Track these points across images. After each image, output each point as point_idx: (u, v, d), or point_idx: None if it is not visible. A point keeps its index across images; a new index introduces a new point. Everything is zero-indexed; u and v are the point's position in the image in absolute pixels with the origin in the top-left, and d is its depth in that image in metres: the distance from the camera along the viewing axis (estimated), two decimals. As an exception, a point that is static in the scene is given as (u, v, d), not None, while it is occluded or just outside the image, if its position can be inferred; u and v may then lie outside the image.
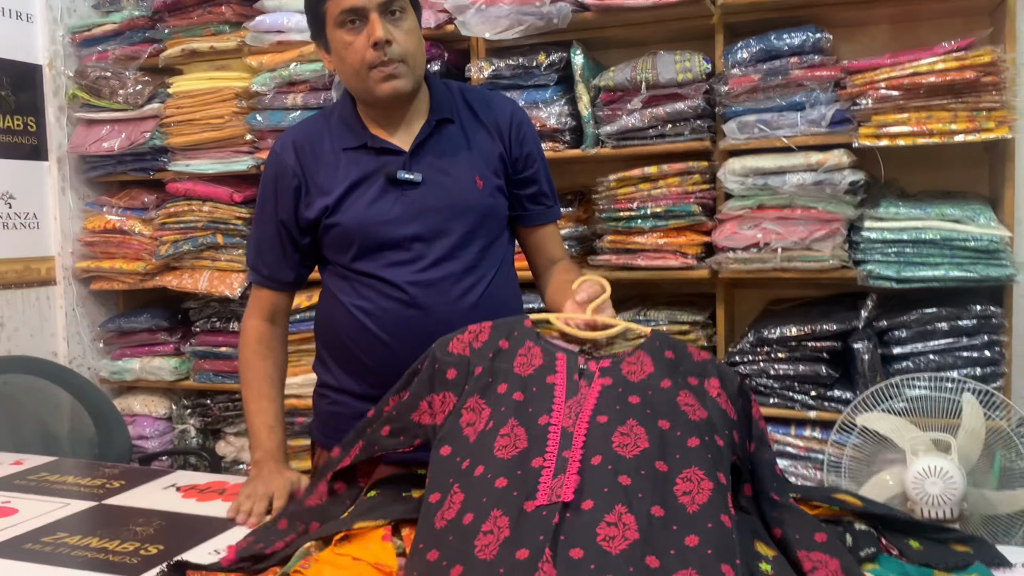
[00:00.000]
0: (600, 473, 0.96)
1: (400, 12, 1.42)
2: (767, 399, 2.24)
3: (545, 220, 1.60)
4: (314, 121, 1.58)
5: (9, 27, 2.76)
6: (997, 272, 2.00)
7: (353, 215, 1.46)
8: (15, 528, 1.34)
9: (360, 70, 1.42)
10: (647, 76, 2.26)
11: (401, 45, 1.41)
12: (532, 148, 1.57)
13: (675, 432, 1.00)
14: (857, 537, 1.09)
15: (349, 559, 1.06)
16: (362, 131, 1.50)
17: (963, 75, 1.95)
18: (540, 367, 1.09)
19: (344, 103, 1.54)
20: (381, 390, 1.43)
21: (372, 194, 1.47)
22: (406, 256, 1.47)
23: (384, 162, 1.48)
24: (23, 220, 2.81)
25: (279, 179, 1.52)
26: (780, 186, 2.16)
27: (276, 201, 1.53)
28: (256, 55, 2.67)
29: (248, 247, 1.61)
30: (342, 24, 1.41)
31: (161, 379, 2.93)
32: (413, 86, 1.46)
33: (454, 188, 1.48)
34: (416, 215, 1.47)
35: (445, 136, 1.51)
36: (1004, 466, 1.93)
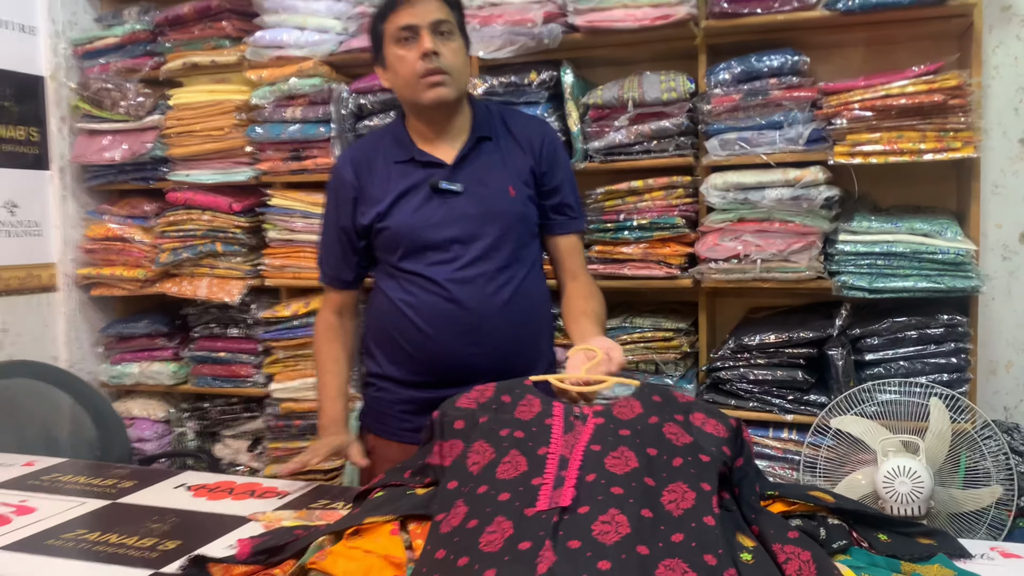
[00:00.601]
0: (594, 486, 1.05)
1: (448, 33, 1.63)
2: (747, 403, 2.30)
3: (568, 230, 1.76)
4: (371, 138, 1.80)
5: (12, 39, 2.79)
6: (963, 283, 2.07)
7: (400, 220, 1.64)
8: (36, 525, 1.39)
9: (411, 79, 1.61)
10: (633, 95, 2.32)
11: (447, 59, 1.61)
12: (559, 164, 1.74)
13: (661, 456, 1.10)
14: (830, 530, 1.17)
15: (360, 551, 1.12)
16: (411, 146, 1.69)
17: (931, 98, 2.03)
18: (539, 413, 1.20)
19: (397, 122, 1.75)
20: (420, 376, 1.69)
21: (417, 201, 1.65)
22: (446, 256, 1.64)
23: (429, 174, 1.66)
24: (26, 228, 2.84)
25: (339, 192, 1.73)
26: (759, 200, 2.21)
27: (337, 211, 1.74)
28: (256, 69, 2.70)
29: (318, 252, 1.84)
30: (397, 41, 1.62)
31: (160, 383, 2.97)
32: (456, 96, 1.64)
33: (489, 197, 1.65)
34: (455, 220, 1.64)
35: (484, 151, 1.69)
36: (968, 466, 2.00)
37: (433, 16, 1.61)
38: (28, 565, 1.24)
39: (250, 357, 2.85)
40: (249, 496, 1.53)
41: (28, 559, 1.26)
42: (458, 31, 1.66)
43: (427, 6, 1.62)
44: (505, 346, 1.68)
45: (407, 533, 1.19)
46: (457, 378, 1.66)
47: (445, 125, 1.68)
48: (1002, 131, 2.32)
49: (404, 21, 1.60)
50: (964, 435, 1.99)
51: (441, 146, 1.69)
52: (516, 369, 1.67)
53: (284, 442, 2.74)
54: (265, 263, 2.78)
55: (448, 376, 1.67)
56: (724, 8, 2.22)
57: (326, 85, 2.61)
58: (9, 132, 2.79)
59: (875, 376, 2.17)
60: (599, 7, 2.28)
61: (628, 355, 2.37)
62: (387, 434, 1.76)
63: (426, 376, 1.69)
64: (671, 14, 2.22)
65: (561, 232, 1.76)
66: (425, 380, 1.69)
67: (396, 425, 1.75)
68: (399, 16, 1.62)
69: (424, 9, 1.61)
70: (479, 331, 1.65)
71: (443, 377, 1.67)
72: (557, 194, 1.73)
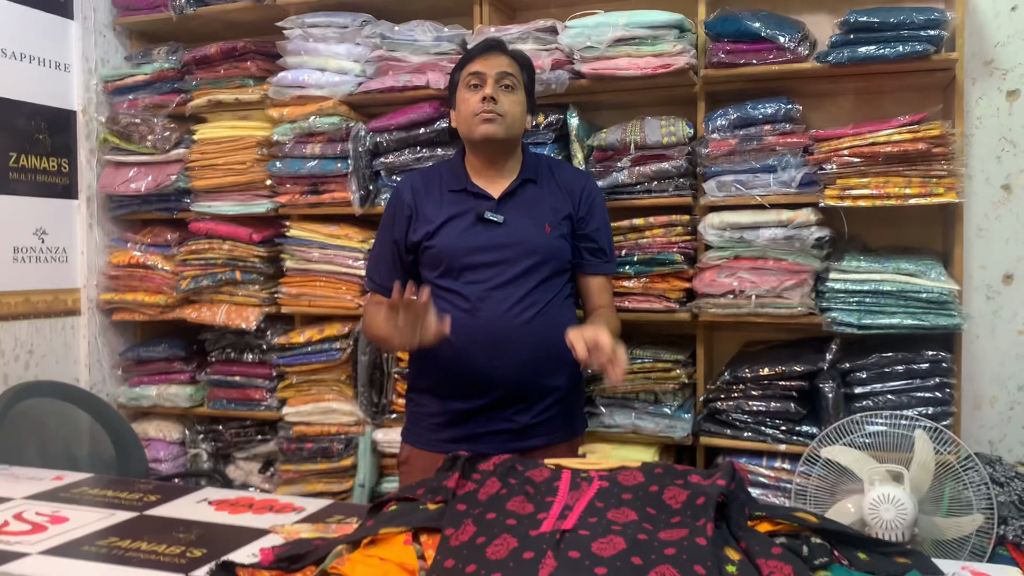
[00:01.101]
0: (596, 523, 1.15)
1: (512, 87, 1.87)
2: (741, 432, 2.37)
3: (597, 271, 1.96)
4: (432, 168, 2.05)
5: (48, 76, 2.92)
6: (946, 321, 2.16)
7: (446, 241, 1.84)
8: (70, 533, 1.47)
9: (468, 117, 1.85)
10: (636, 138, 2.42)
11: (505, 107, 1.84)
12: (596, 213, 1.95)
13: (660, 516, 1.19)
14: (812, 548, 1.23)
15: (376, 559, 1.20)
16: (465, 178, 1.91)
17: (915, 146, 2.14)
18: (549, 476, 1.30)
19: (457, 157, 1.98)
20: (451, 388, 1.85)
21: (463, 226, 1.86)
22: (479, 277, 1.83)
23: (477, 204, 1.87)
24: (54, 254, 2.94)
25: (397, 209, 1.94)
26: (754, 239, 2.30)
27: (393, 226, 1.93)
28: (278, 107, 2.79)
29: (368, 262, 2.05)
30: (467, 86, 1.87)
31: (176, 405, 3.03)
32: (504, 135, 1.85)
33: (527, 231, 1.85)
34: (494, 247, 1.83)
35: (528, 191, 1.90)
36: (952, 496, 2.06)
37: (500, 68, 1.85)
38: (67, 568, 1.32)
39: (264, 381, 2.92)
40: (268, 511, 1.60)
41: (66, 563, 1.34)
42: (522, 88, 1.90)
43: (498, 60, 1.87)
44: (527, 362, 1.83)
45: (419, 544, 1.27)
46: (483, 390, 1.83)
47: (497, 163, 1.90)
48: (985, 177, 2.44)
49: (474, 69, 1.86)
50: (948, 466, 2.05)
51: (492, 182, 1.90)
52: (539, 386, 1.86)
53: (295, 464, 2.80)
54: (282, 291, 2.86)
55: (475, 388, 1.83)
56: (722, 59, 2.35)
57: (344, 124, 2.70)
58: (42, 163, 2.90)
59: (864, 408, 2.23)
60: (604, 56, 2.39)
61: (628, 384, 2.47)
62: (421, 444, 1.92)
63: (455, 386, 1.84)
64: (671, 63, 2.33)
65: (592, 272, 1.95)
66: (454, 391, 1.85)
67: (429, 435, 1.90)
68: (472, 65, 1.87)
69: (495, 62, 1.86)
70: (501, 346, 1.80)
71: (470, 388, 1.83)
72: (592, 239, 1.94)
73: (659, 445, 2.51)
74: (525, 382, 1.85)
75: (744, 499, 1.29)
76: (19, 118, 2.82)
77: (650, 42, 2.36)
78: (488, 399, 1.85)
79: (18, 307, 2.81)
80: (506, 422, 1.86)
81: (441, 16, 2.77)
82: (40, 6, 2.88)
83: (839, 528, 1.32)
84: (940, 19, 2.17)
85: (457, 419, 1.88)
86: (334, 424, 2.79)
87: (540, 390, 1.87)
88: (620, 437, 2.51)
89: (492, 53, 1.89)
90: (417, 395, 1.96)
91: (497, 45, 1.92)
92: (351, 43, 2.75)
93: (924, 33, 2.18)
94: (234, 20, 3.02)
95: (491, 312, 1.82)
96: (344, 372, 2.80)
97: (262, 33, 3.01)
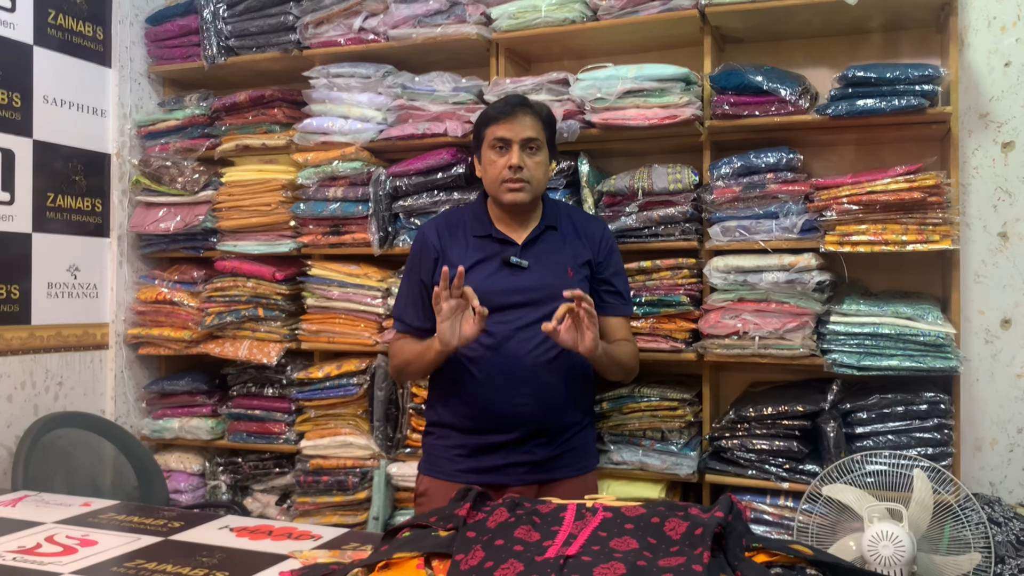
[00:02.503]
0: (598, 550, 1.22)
1: (536, 149, 1.95)
2: (745, 470, 2.40)
3: (615, 312, 2.06)
4: (455, 212, 2.11)
5: (85, 121, 3.05)
6: (943, 364, 2.20)
7: (474, 284, 1.86)
8: (99, 556, 1.53)
9: (495, 181, 1.94)
10: (643, 184, 2.50)
11: (530, 171, 1.93)
12: (613, 259, 2.06)
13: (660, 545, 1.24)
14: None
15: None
16: (489, 224, 2.00)
17: (912, 195, 2.21)
18: (555, 508, 1.37)
19: (480, 202, 2.06)
20: (474, 422, 1.93)
21: (490, 270, 1.95)
22: (506, 318, 1.90)
23: (502, 249, 1.97)
24: (85, 290, 3.05)
25: (423, 252, 2.01)
26: (758, 283, 2.36)
27: (420, 268, 2.01)
28: (302, 152, 2.89)
29: (395, 304, 2.09)
30: (492, 147, 1.95)
31: (198, 438, 3.09)
32: (531, 200, 1.95)
33: (550, 274, 1.94)
34: (520, 290, 1.92)
35: (550, 238, 2.00)
36: (952, 535, 2.09)
37: (525, 134, 1.92)
38: None
39: (283, 415, 2.99)
40: (287, 537, 1.66)
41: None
42: (545, 146, 1.97)
43: (523, 122, 1.93)
44: (550, 398, 1.92)
45: (431, 568, 1.33)
46: (505, 425, 1.91)
47: (519, 216, 1.99)
48: (983, 225, 2.51)
49: (500, 133, 1.93)
50: (947, 506, 2.08)
51: (514, 228, 1.99)
52: (560, 421, 1.95)
53: (312, 496, 2.87)
54: (302, 328, 2.94)
55: (498, 423, 1.91)
56: (726, 110, 2.44)
57: (366, 168, 2.80)
58: (77, 203, 3.02)
59: (864, 448, 2.27)
60: (613, 107, 2.49)
61: (636, 422, 2.53)
62: (442, 475, 1.98)
63: (479, 422, 1.94)
64: (678, 115, 2.42)
65: (611, 313, 2.05)
66: (478, 426, 1.92)
67: (450, 467, 1.97)
68: (498, 128, 1.93)
69: (520, 126, 1.92)
70: (526, 383, 1.89)
71: (493, 423, 1.91)
72: (610, 283, 2.04)
73: (665, 482, 2.56)
74: (547, 418, 1.93)
75: (741, 530, 1.34)
76: (57, 160, 2.95)
77: (658, 94, 2.46)
78: (512, 434, 1.93)
79: (50, 340, 2.92)
80: (527, 455, 1.94)
81: (459, 67, 2.89)
82: (80, 55, 3.03)
83: (834, 560, 1.36)
84: (934, 75, 2.26)
85: (478, 451, 1.96)
86: (350, 457, 2.85)
87: (560, 425, 1.97)
88: (627, 474, 2.56)
89: (518, 114, 1.93)
90: (437, 428, 2.02)
91: (522, 103, 1.97)
92: (373, 92, 2.87)
93: (919, 88, 2.26)
94: (262, 69, 3.16)
95: (517, 350, 1.90)
96: (360, 407, 2.87)
97: (289, 82, 3.15)
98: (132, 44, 3.23)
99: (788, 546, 1.41)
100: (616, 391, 2.57)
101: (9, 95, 2.77)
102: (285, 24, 2.99)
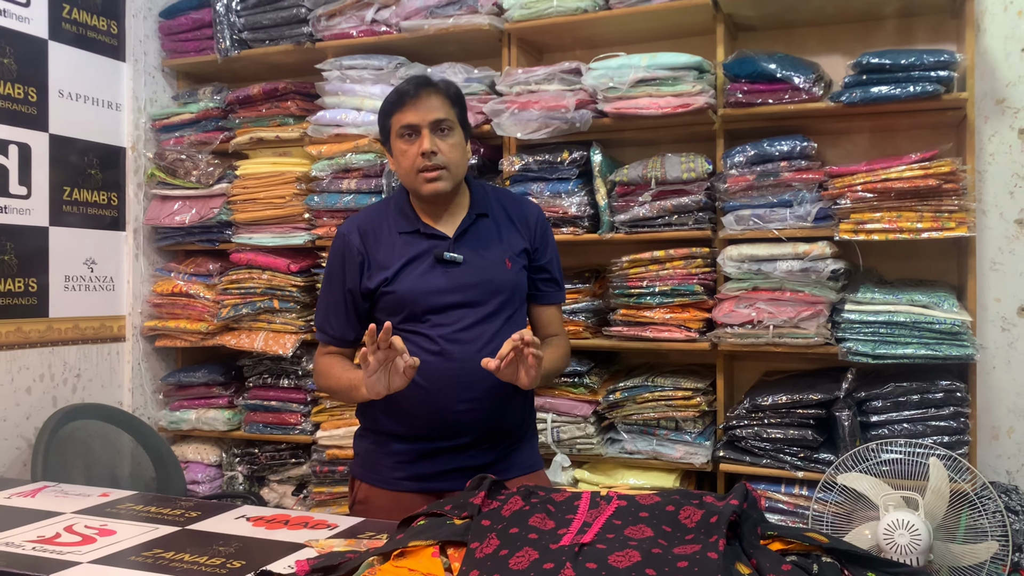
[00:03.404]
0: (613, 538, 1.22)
1: (448, 129, 1.77)
2: (760, 459, 2.40)
3: (551, 301, 1.93)
4: (375, 209, 1.90)
5: (100, 115, 3.07)
6: (959, 352, 2.19)
7: (407, 286, 1.76)
8: (118, 545, 1.54)
9: (410, 172, 1.77)
10: (656, 174, 2.49)
11: (445, 155, 1.75)
12: (549, 243, 1.90)
13: (675, 533, 1.25)
14: (823, 567, 1.27)
15: (406, 570, 1.27)
16: (415, 219, 1.82)
17: (927, 182, 2.20)
18: (570, 496, 1.37)
19: (400, 195, 1.87)
20: (417, 430, 1.79)
21: (422, 270, 1.78)
22: (446, 320, 1.76)
23: (433, 245, 1.80)
24: (102, 283, 3.07)
25: (346, 256, 1.82)
26: (772, 271, 2.36)
27: (344, 274, 1.83)
28: (316, 144, 2.91)
29: (317, 314, 1.91)
30: (401, 136, 1.77)
31: (215, 429, 3.12)
32: (451, 188, 1.78)
33: (489, 268, 1.79)
34: (457, 288, 1.78)
35: (482, 227, 1.84)
36: (969, 524, 2.10)
37: (433, 116, 1.74)
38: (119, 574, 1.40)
39: (299, 406, 3.01)
40: (303, 527, 1.67)
41: (115, 571, 1.41)
42: (458, 125, 1.79)
43: (428, 104, 1.74)
44: (496, 402, 1.79)
45: (446, 556, 1.34)
46: (450, 431, 1.79)
47: (445, 205, 1.83)
48: (999, 212, 2.49)
49: (406, 120, 1.75)
50: (963, 495, 2.08)
51: (443, 220, 1.82)
52: (505, 425, 1.84)
53: (328, 487, 2.89)
54: (317, 319, 2.97)
55: (442, 429, 1.79)
56: (739, 99, 2.43)
57: (379, 160, 2.81)
58: (93, 197, 3.04)
59: (880, 436, 2.27)
60: (626, 96, 2.48)
61: (649, 412, 2.53)
62: (380, 483, 1.85)
63: (422, 429, 1.79)
64: (691, 103, 2.42)
65: (546, 302, 1.92)
66: (421, 433, 1.80)
67: (389, 475, 1.84)
68: (403, 115, 1.75)
69: (426, 108, 1.74)
70: (472, 387, 1.76)
71: (438, 430, 1.79)
72: (546, 270, 1.90)
73: (679, 471, 2.57)
74: (493, 422, 1.81)
75: (756, 518, 1.34)
76: (73, 154, 2.97)
77: (670, 83, 2.45)
78: (456, 440, 1.80)
79: (68, 333, 2.95)
80: (472, 459, 1.81)
81: (471, 58, 2.89)
82: (95, 49, 3.05)
83: (849, 548, 1.36)
84: (950, 60, 2.24)
85: (419, 458, 1.83)
86: (365, 448, 2.86)
87: (505, 428, 1.85)
88: (641, 463, 2.57)
89: (422, 96, 1.75)
90: (375, 435, 1.87)
91: (424, 83, 1.78)
92: (386, 84, 2.87)
93: (934, 74, 2.25)
94: (276, 62, 3.17)
95: (464, 354, 1.75)
96: (375, 398, 2.88)
97: (302, 74, 3.16)
98: (146, 38, 3.24)
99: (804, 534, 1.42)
100: (630, 380, 2.58)
101: (25, 90, 2.79)
102: (297, 17, 3.00)
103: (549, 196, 2.63)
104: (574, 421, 2.62)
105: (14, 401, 2.76)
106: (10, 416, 2.74)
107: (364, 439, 1.90)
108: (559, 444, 2.63)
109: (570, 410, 2.62)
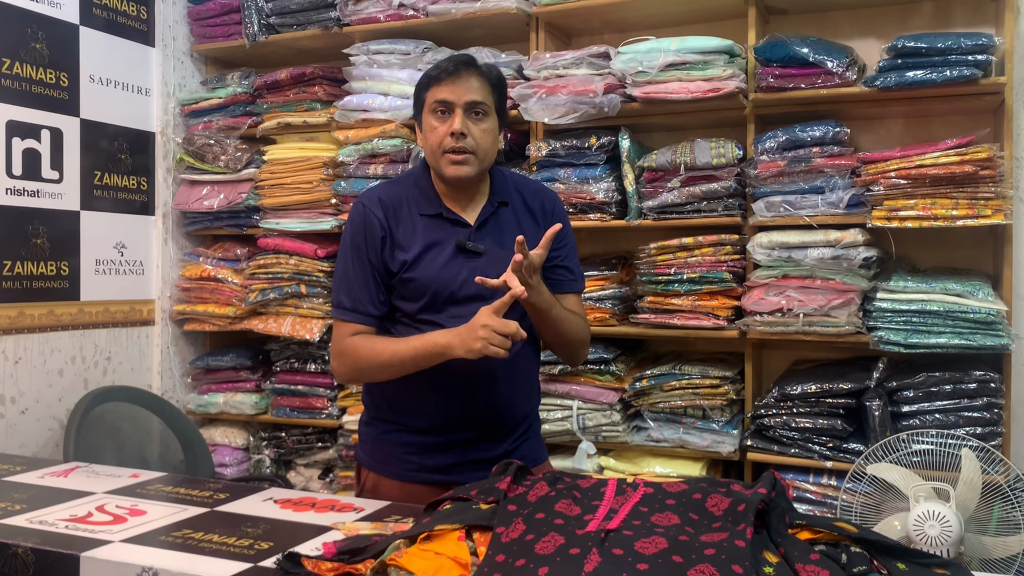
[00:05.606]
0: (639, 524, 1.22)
1: (483, 114, 1.71)
2: (788, 449, 2.38)
3: (568, 290, 1.85)
4: (394, 185, 1.80)
5: (130, 100, 3.10)
6: (993, 341, 2.16)
7: (429, 274, 1.71)
8: (148, 525, 1.56)
9: (436, 151, 1.70)
10: (685, 159, 2.47)
11: (475, 140, 1.68)
12: (566, 233, 1.83)
13: (703, 521, 1.24)
14: (851, 556, 1.27)
15: (432, 553, 1.27)
16: (438, 202, 1.75)
17: (963, 168, 2.16)
18: (596, 483, 1.36)
19: (423, 173, 1.79)
20: (427, 421, 1.76)
21: (444, 258, 1.72)
22: (465, 311, 1.69)
23: (454, 231, 1.73)
24: (132, 267, 3.11)
25: (368, 227, 1.73)
26: (802, 259, 2.34)
27: (367, 245, 1.73)
28: (343, 130, 2.91)
29: (336, 291, 1.77)
30: (433, 111, 1.71)
31: (242, 412, 3.14)
32: (476, 174, 1.71)
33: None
34: None
35: (502, 216, 1.79)
36: (1001, 517, 2.07)
37: (470, 96, 1.68)
38: (145, 554, 1.41)
39: (326, 391, 3.02)
40: (330, 510, 1.67)
41: (145, 550, 1.43)
42: (493, 112, 1.73)
43: (467, 84, 1.68)
44: (510, 394, 1.77)
45: (472, 541, 1.34)
46: (461, 424, 1.76)
47: (466, 191, 1.76)
48: (1037, 199, 2.44)
49: (442, 96, 1.68)
50: (996, 487, 2.06)
51: (463, 205, 1.76)
52: (515, 418, 1.82)
53: (353, 471, 2.90)
54: (343, 304, 2.98)
55: (454, 422, 1.76)
56: (771, 83, 2.40)
57: (405, 145, 2.81)
58: (123, 182, 3.07)
59: (911, 427, 2.25)
60: (655, 80, 2.46)
61: (677, 400, 2.52)
62: (389, 473, 1.82)
63: (433, 421, 1.76)
64: (721, 88, 2.39)
65: (565, 291, 1.84)
66: (431, 425, 1.77)
67: (397, 465, 1.81)
68: (440, 90, 1.69)
69: (464, 87, 1.68)
70: (487, 380, 1.73)
71: (449, 423, 1.76)
72: (562, 259, 1.83)
73: (706, 460, 2.55)
74: (505, 415, 1.79)
75: (785, 507, 1.33)
76: (103, 139, 3.00)
77: (700, 67, 2.43)
78: (466, 434, 1.78)
79: (98, 316, 2.98)
80: (483, 452, 1.78)
81: (499, 43, 2.88)
82: (125, 35, 3.08)
83: (878, 538, 1.35)
84: (988, 44, 2.19)
85: (428, 449, 1.80)
86: (391, 433, 2.87)
87: (515, 421, 1.82)
88: (667, 451, 2.56)
89: (462, 74, 1.69)
90: (384, 424, 1.83)
91: (467, 62, 1.72)
92: (413, 69, 2.87)
93: (972, 58, 2.20)
94: (303, 47, 3.18)
95: None
96: (401, 383, 2.89)
97: (329, 59, 3.16)
98: (175, 23, 3.26)
99: (832, 523, 1.40)
100: (657, 368, 2.56)
101: (57, 75, 2.82)
102: (325, 1, 3.00)
103: (576, 182, 2.61)
104: (600, 408, 2.61)
105: (47, 383, 2.80)
106: (43, 397, 2.78)
107: (371, 427, 1.86)
108: (584, 431, 2.62)
109: (596, 397, 2.61)
